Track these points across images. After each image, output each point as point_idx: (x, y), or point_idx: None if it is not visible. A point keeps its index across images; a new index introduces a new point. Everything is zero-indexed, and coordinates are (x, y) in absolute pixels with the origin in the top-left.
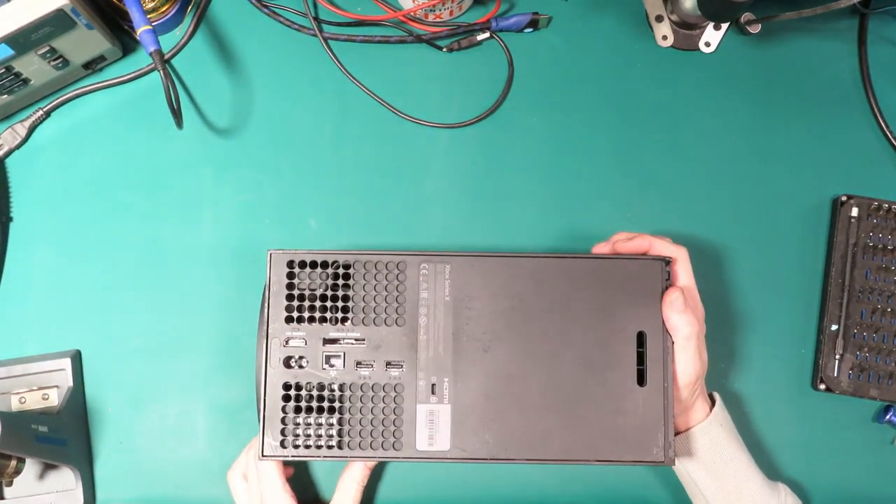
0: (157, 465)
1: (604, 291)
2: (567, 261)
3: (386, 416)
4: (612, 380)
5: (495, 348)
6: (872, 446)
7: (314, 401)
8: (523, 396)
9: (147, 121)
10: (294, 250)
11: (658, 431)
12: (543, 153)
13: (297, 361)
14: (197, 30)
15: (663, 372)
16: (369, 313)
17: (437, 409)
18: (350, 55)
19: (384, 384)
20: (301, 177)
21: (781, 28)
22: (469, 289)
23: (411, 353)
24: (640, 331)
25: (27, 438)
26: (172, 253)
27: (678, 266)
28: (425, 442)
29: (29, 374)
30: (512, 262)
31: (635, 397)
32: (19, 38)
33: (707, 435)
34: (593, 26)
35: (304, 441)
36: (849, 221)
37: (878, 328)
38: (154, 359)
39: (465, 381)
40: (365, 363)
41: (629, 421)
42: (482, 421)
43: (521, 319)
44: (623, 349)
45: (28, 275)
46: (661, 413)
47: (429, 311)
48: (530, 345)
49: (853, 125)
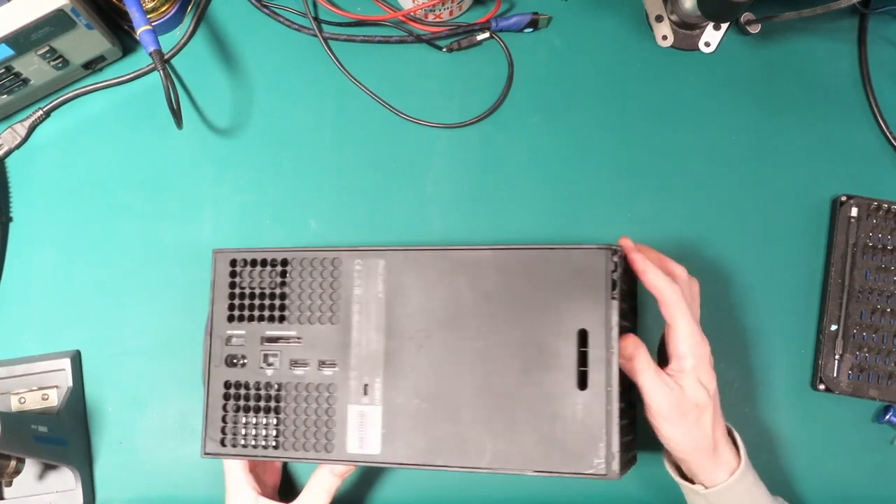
0: (157, 465)
1: (543, 285)
2: (505, 252)
3: (318, 417)
4: (549, 382)
5: (429, 347)
6: (872, 446)
7: (252, 400)
8: (457, 399)
9: (147, 121)
10: (237, 249)
11: (600, 441)
12: (543, 153)
13: (239, 360)
14: (197, 30)
15: (607, 374)
16: (305, 311)
17: (368, 410)
18: (350, 55)
19: (318, 384)
20: (301, 177)
21: (781, 28)
22: (403, 285)
23: (344, 353)
24: (582, 328)
25: (27, 438)
26: (172, 253)
27: (673, 309)
28: (356, 444)
29: (29, 374)
30: (448, 255)
31: (575, 402)
32: (19, 38)
33: (742, 483)
34: (593, 26)
35: (243, 440)
36: (849, 221)
37: (877, 328)
38: (154, 359)
39: (396, 382)
40: (300, 362)
41: (568, 428)
42: (413, 424)
43: (457, 316)
44: (562, 349)
45: (28, 275)
46: (604, 420)
47: (362, 309)
48: (465, 343)
49: (853, 125)
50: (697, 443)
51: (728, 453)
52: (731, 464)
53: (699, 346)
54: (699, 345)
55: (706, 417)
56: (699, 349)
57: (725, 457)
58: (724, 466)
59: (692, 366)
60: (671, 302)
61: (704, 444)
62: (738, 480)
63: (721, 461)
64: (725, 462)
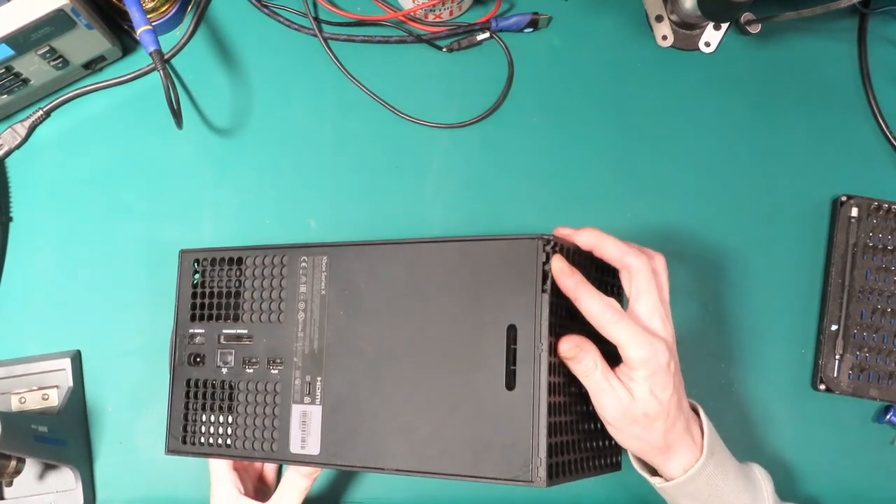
0: (157, 465)
1: (475, 278)
2: (442, 245)
3: (266, 416)
4: (477, 382)
5: (366, 345)
6: (872, 446)
7: (209, 398)
8: (392, 399)
9: (147, 121)
10: (200, 249)
11: (525, 445)
12: (543, 153)
13: (201, 359)
14: (197, 30)
15: (534, 374)
16: (256, 310)
17: (310, 410)
18: (350, 55)
19: (266, 383)
20: (301, 177)
21: (781, 28)
22: (345, 281)
23: (290, 351)
24: (511, 324)
25: (27, 438)
26: (172, 253)
27: (639, 278)
28: (298, 445)
29: (29, 374)
30: (390, 249)
31: (502, 403)
32: (19, 38)
33: (702, 474)
34: (593, 26)
35: (202, 439)
36: (849, 221)
37: (878, 328)
38: (154, 359)
39: (335, 381)
40: (252, 361)
41: (494, 430)
42: (351, 425)
43: (395, 312)
44: (491, 346)
45: (28, 275)
46: (530, 423)
47: (307, 306)
48: (401, 341)
49: (853, 125)
50: (646, 446)
51: (686, 447)
52: (689, 455)
53: (655, 352)
54: (655, 351)
55: (658, 424)
56: (655, 357)
57: (683, 451)
58: (682, 459)
59: (644, 377)
60: (642, 279)
61: (655, 446)
62: (697, 472)
63: (676, 455)
64: (684, 454)
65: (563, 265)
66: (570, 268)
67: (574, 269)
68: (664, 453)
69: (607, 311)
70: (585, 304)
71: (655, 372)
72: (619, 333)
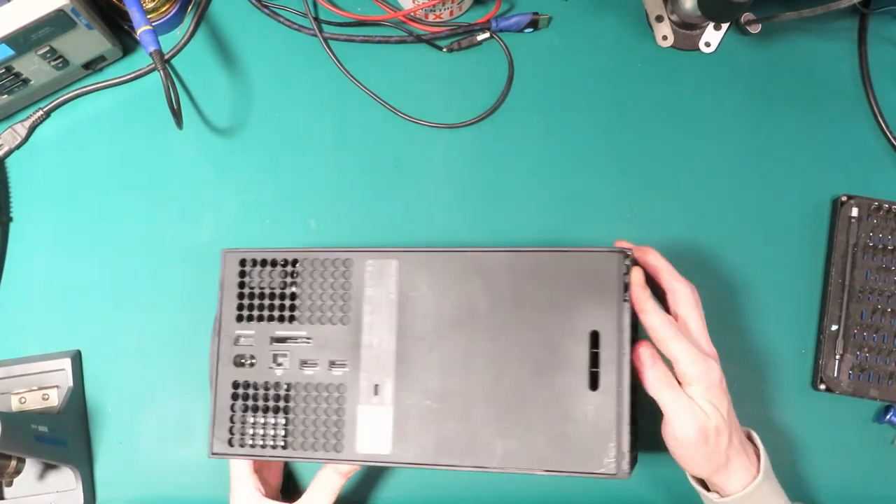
0: (157, 465)
1: (555, 287)
2: (516, 254)
3: (328, 417)
4: (561, 383)
5: (440, 348)
6: (872, 446)
7: (261, 400)
8: (468, 399)
9: (147, 121)
10: (247, 249)
11: (610, 440)
12: (543, 153)
13: (248, 360)
14: (197, 30)
15: (618, 375)
16: (315, 311)
17: (379, 410)
18: (350, 55)
19: (328, 384)
20: (301, 177)
21: (781, 28)
22: (415, 286)
23: (355, 353)
24: (594, 330)
25: (27, 438)
26: (172, 253)
27: (687, 302)
28: (366, 444)
29: (29, 374)
30: (460, 257)
31: (586, 402)
32: (19, 38)
33: (759, 492)
34: (593, 26)
35: (252, 440)
36: (849, 221)
37: (878, 328)
38: (154, 359)
39: (407, 383)
40: (310, 362)
41: (579, 428)
42: (424, 424)
43: (469, 318)
44: (574, 350)
45: (28, 275)
46: (615, 420)
47: (374, 310)
48: (477, 344)
49: (853, 125)
50: (711, 464)
51: (742, 465)
52: (746, 473)
53: (709, 368)
54: (709, 367)
55: (723, 438)
56: (709, 373)
57: (740, 468)
58: (740, 476)
59: (701, 392)
60: (688, 302)
61: (718, 463)
62: (754, 490)
63: (735, 472)
64: (741, 472)
65: (641, 278)
66: (644, 282)
67: (646, 283)
68: (724, 469)
69: (668, 327)
70: (650, 317)
71: (710, 387)
72: (676, 348)
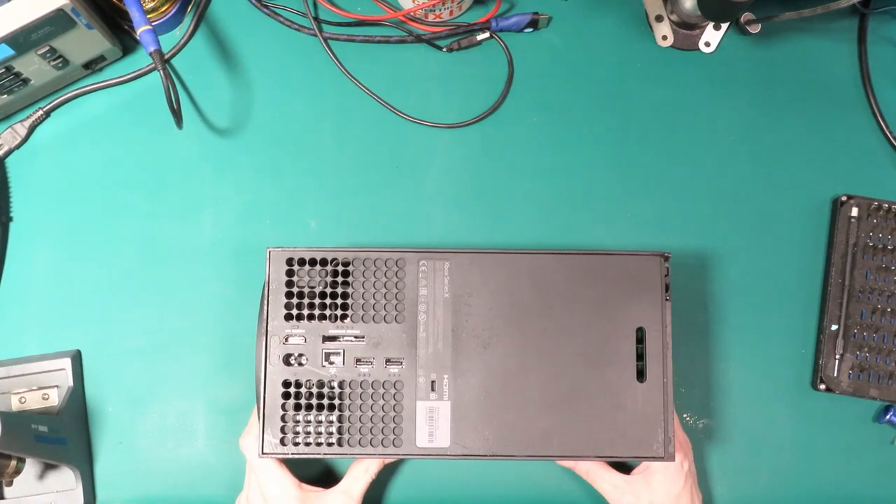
0: (157, 465)
1: (602, 287)
2: (565, 257)
3: (386, 414)
4: (611, 376)
5: (495, 345)
6: (872, 446)
7: (314, 398)
8: (523, 393)
9: (147, 121)
10: (293, 248)
11: (658, 427)
12: (543, 153)
13: (297, 359)
14: (197, 30)
15: (663, 367)
16: (368, 310)
17: (437, 405)
18: (350, 55)
19: (384, 381)
20: (301, 177)
21: (781, 28)
22: (468, 286)
23: (411, 350)
24: (640, 326)
25: (27, 438)
26: (172, 253)
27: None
28: (425, 439)
29: (29, 374)
30: (510, 258)
31: (635, 393)
32: (19, 38)
33: None
34: (593, 26)
35: (304, 438)
36: (849, 221)
37: (878, 328)
38: (154, 359)
39: (464, 378)
40: (364, 360)
41: (629, 417)
42: (482, 417)
43: (520, 316)
44: (622, 345)
45: (28, 275)
46: (661, 408)
47: (428, 308)
48: (529, 341)
49: (853, 125)
50: None
51: None
52: None
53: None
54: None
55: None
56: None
57: None
58: None
59: None
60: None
61: None
62: None
63: None
64: None
65: None
66: None
67: None
68: None
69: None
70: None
71: None
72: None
